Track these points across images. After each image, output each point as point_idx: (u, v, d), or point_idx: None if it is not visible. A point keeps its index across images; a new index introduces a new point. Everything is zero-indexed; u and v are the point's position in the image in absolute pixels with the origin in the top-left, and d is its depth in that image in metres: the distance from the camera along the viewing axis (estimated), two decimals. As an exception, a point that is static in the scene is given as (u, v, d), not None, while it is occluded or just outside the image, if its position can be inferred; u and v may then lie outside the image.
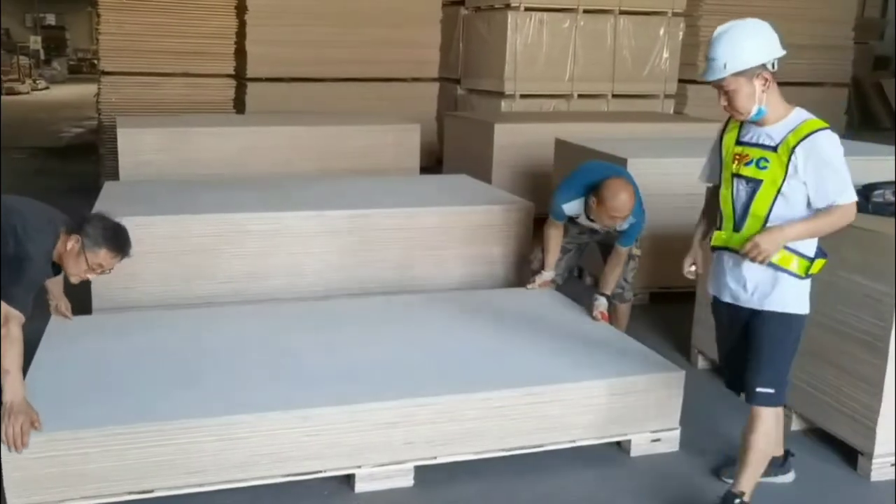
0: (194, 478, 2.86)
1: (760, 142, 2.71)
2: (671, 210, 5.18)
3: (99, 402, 2.93)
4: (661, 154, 5.56)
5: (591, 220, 4.01)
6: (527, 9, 8.65)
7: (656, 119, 8.40)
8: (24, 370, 2.99)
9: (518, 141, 7.00)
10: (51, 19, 32.06)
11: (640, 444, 3.38)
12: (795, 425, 3.66)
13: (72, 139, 12.99)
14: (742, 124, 2.77)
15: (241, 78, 8.92)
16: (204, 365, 3.28)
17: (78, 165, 10.11)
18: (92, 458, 2.74)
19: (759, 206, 2.69)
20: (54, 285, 3.69)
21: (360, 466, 3.03)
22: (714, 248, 2.88)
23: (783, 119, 2.69)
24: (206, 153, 6.54)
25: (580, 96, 9.04)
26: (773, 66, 2.64)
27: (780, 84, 2.74)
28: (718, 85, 2.65)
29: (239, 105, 8.95)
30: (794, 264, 2.72)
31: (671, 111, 9.47)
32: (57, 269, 3.24)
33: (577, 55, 8.91)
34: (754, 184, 2.69)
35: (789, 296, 2.75)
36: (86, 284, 4.16)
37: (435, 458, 3.10)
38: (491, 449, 3.17)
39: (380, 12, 8.97)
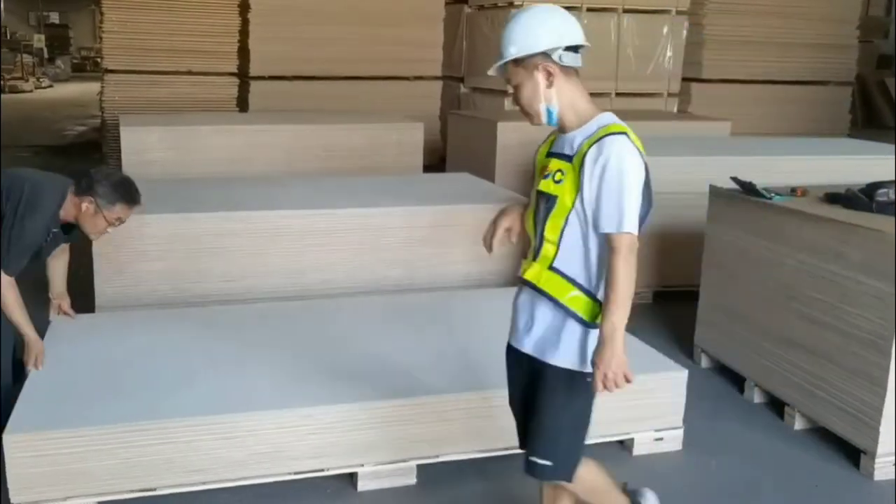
0: (197, 476, 2.86)
1: (563, 151, 2.22)
2: (674, 209, 5.18)
3: (101, 400, 2.93)
4: (664, 153, 5.54)
5: None
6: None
7: (660, 118, 8.38)
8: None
9: (521, 139, 6.98)
10: (54, 18, 32.09)
11: (643, 443, 3.38)
12: (798, 424, 3.66)
13: (75, 137, 13.01)
14: (557, 133, 2.29)
15: (244, 76, 8.92)
16: (206, 363, 3.28)
17: (81, 163, 10.09)
18: (94, 457, 2.75)
19: (551, 229, 2.19)
20: (56, 281, 3.71)
21: (362, 465, 3.03)
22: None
23: (585, 124, 2.20)
24: (209, 151, 6.54)
25: (583, 95, 9.02)
26: (561, 59, 2.14)
27: (782, 83, 2.64)
28: (506, 79, 2.23)
29: (242, 103, 8.96)
30: (583, 306, 2.19)
31: (675, 110, 9.45)
32: (65, 228, 3.38)
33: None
34: (551, 201, 2.19)
35: (573, 348, 2.21)
36: (89, 282, 4.18)
37: (437, 456, 3.10)
38: (494, 448, 3.17)
39: (383, 11, 8.97)
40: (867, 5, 14.82)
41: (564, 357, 2.22)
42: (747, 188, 3.92)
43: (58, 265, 3.71)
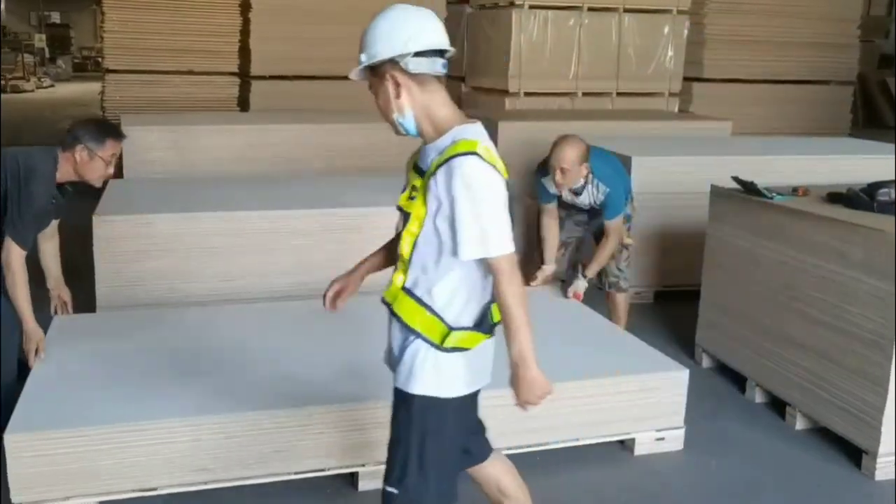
0: (198, 476, 2.86)
1: (420, 165, 2.10)
2: (675, 209, 5.18)
3: (102, 399, 2.93)
4: (665, 152, 5.55)
5: (575, 195, 4.13)
6: (531, 7, 8.63)
7: (661, 117, 8.38)
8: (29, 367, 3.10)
9: (522, 139, 6.97)
10: (55, 17, 32.12)
11: (644, 443, 3.37)
12: (799, 424, 3.65)
13: (76, 137, 13.00)
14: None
15: (245, 76, 8.92)
16: (208, 363, 3.28)
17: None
18: (95, 456, 2.75)
19: (403, 246, 2.07)
20: (52, 268, 3.73)
21: (363, 465, 3.03)
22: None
23: (440, 137, 2.04)
24: (210, 151, 6.54)
25: (585, 94, 9.02)
26: (408, 66, 1.99)
27: (783, 82, 2.59)
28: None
29: (243, 103, 8.96)
30: (432, 330, 2.06)
31: (676, 109, 9.44)
32: (60, 191, 3.44)
33: (582, 53, 8.89)
34: (406, 218, 2.07)
35: (424, 372, 2.08)
36: (89, 282, 4.18)
37: (438, 456, 3.10)
38: (493, 447, 3.16)
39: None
40: (868, 5, 14.83)
41: (416, 382, 2.09)
42: (749, 188, 3.92)
43: (49, 249, 3.72)
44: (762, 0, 9.65)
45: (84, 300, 4.13)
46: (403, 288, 2.09)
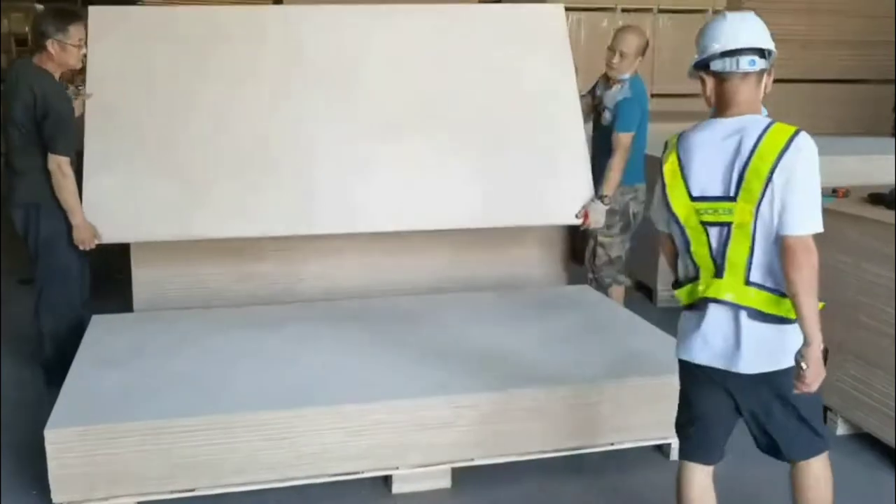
0: (235, 477, 2.88)
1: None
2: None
3: (143, 399, 2.97)
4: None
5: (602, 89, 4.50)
6: (564, 8, 8.59)
7: (698, 119, 8.28)
8: (67, 366, 3.20)
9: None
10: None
11: (681, 448, 3.32)
12: (840, 429, 3.59)
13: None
14: None
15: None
16: (244, 363, 3.31)
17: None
18: (134, 456, 2.78)
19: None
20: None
21: (397, 468, 3.03)
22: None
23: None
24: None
25: (619, 96, 8.95)
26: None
27: (822, 81, 2.61)
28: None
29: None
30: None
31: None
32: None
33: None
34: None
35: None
36: (127, 287, 4.22)
37: (472, 459, 3.09)
38: (529, 451, 3.15)
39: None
40: (911, 1, 14.49)
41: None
42: (787, 189, 3.85)
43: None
44: (798, -2, 9.51)
45: (121, 300, 4.19)
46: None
